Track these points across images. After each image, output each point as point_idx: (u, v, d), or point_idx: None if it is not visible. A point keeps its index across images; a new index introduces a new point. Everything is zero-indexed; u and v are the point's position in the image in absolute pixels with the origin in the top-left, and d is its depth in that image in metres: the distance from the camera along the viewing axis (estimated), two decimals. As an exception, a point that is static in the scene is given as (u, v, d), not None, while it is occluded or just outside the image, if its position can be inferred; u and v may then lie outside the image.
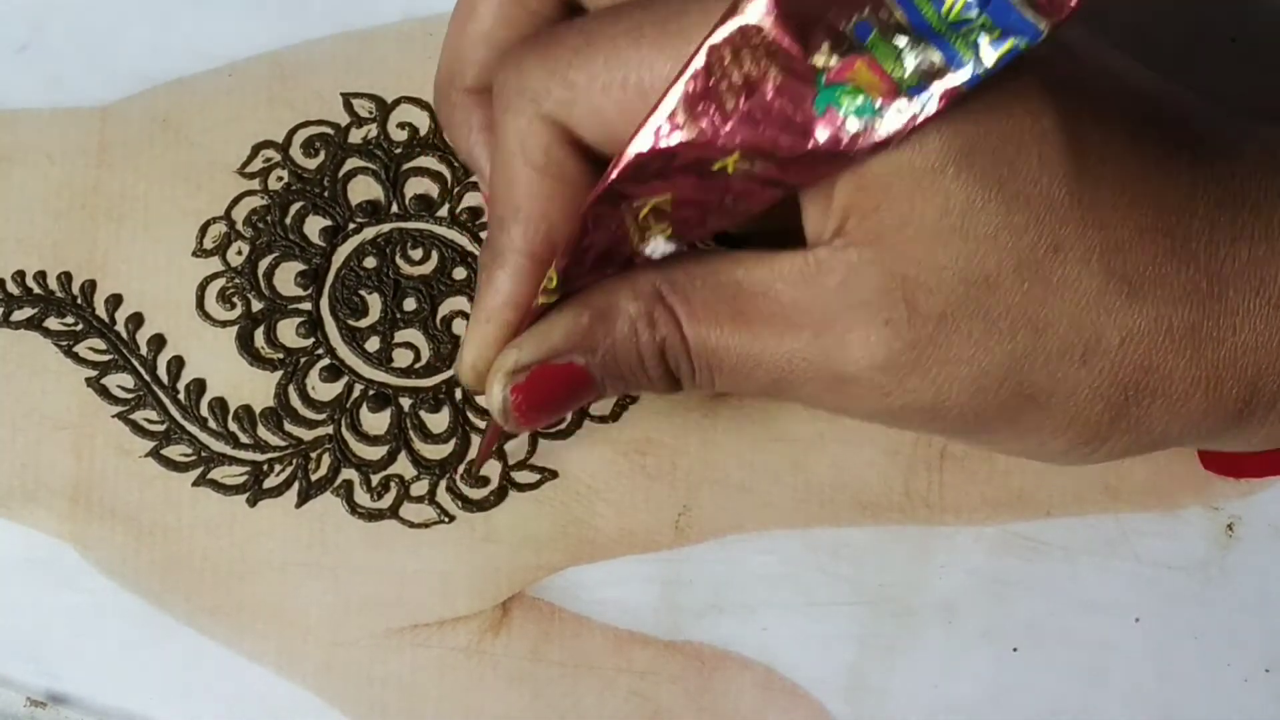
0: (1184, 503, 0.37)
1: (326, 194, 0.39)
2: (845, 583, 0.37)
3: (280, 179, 0.40)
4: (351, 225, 0.39)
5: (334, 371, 0.38)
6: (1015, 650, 0.37)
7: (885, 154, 0.28)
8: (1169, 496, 0.37)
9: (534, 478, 0.38)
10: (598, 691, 0.36)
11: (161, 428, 0.38)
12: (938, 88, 0.27)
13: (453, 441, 0.38)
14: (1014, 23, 0.26)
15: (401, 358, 0.38)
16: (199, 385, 0.38)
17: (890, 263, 0.29)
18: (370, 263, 0.39)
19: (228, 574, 0.37)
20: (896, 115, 0.27)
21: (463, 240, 0.39)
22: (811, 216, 0.30)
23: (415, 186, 0.40)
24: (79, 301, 0.39)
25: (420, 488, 0.38)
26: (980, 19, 0.26)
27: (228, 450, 0.38)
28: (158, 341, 0.38)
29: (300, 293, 0.39)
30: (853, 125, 0.27)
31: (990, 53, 0.27)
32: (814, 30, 0.27)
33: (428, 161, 0.40)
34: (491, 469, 0.38)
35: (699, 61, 0.27)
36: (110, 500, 0.37)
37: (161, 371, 0.38)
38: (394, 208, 0.39)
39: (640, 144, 0.28)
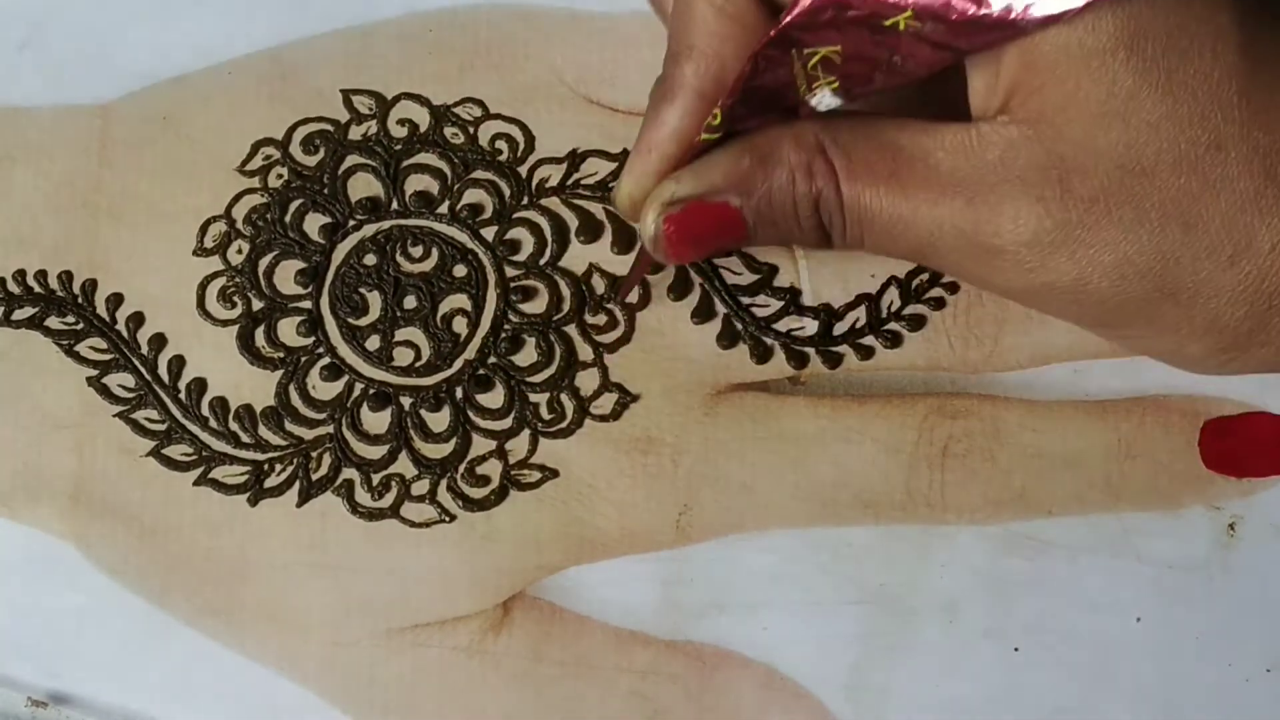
0: (1186, 502, 0.37)
1: (326, 191, 0.39)
2: (847, 582, 0.37)
3: (280, 176, 0.39)
4: (351, 222, 0.39)
5: (334, 370, 0.38)
6: (1017, 650, 0.37)
7: (1055, 30, 0.28)
8: (1171, 496, 0.37)
9: (535, 477, 0.37)
10: (598, 691, 0.36)
11: (162, 427, 0.38)
12: None
13: (453, 440, 0.38)
14: None
15: (402, 356, 0.38)
16: (200, 384, 0.38)
17: (1050, 142, 0.29)
18: (370, 260, 0.39)
19: (229, 573, 0.37)
20: None
21: (463, 237, 0.39)
22: (977, 90, 0.30)
23: (415, 183, 0.40)
24: (80, 300, 0.39)
25: (421, 487, 0.38)
26: None
27: (228, 449, 0.38)
28: (159, 341, 0.38)
29: (300, 291, 0.39)
30: None
31: None
32: None
33: (428, 158, 0.40)
34: (492, 468, 0.37)
35: None
36: (111, 499, 0.37)
37: (162, 371, 0.38)
38: (394, 205, 0.39)
39: None
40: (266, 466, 0.38)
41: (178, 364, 0.38)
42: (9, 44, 0.41)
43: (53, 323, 0.38)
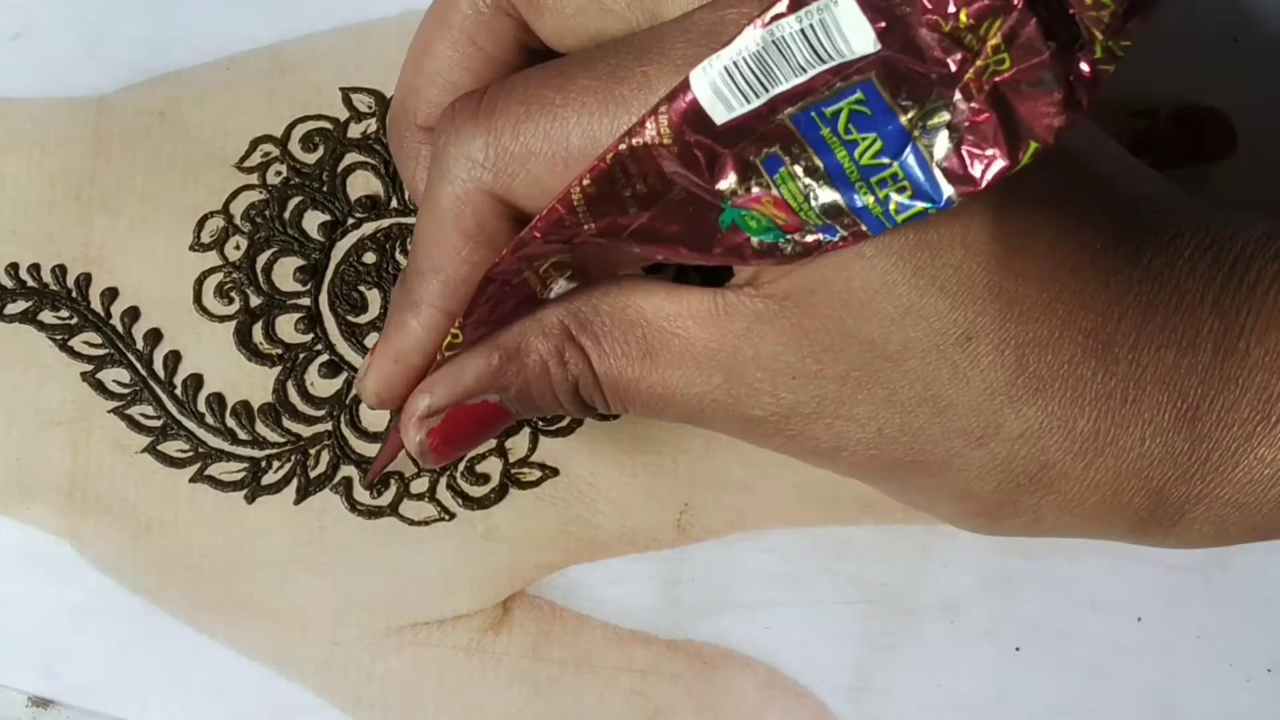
0: (1186, 503, 0.38)
1: (325, 189, 0.39)
2: (847, 581, 0.37)
3: (279, 174, 0.39)
4: (351, 220, 0.39)
5: (333, 367, 0.38)
6: (1018, 649, 0.37)
7: None
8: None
9: (535, 475, 0.37)
10: (599, 690, 0.36)
11: (158, 423, 0.37)
12: (843, 229, 0.26)
13: (453, 438, 0.38)
14: (925, 184, 0.25)
15: (401, 354, 0.38)
16: (196, 380, 0.38)
17: (799, 319, 0.29)
18: (369, 258, 0.39)
19: (226, 571, 0.37)
20: (800, 242, 0.27)
21: (463, 236, 0.39)
22: None
23: (415, 181, 0.39)
24: (74, 295, 0.38)
25: (420, 485, 0.37)
26: (892, 169, 0.25)
27: (225, 446, 0.37)
28: (154, 336, 0.38)
29: (299, 288, 0.38)
30: (757, 243, 0.27)
31: (898, 212, 0.26)
32: (722, 158, 0.26)
33: (427, 156, 0.40)
34: (492, 466, 0.37)
35: (604, 164, 0.27)
36: (107, 496, 0.37)
37: (158, 366, 0.38)
38: (393, 203, 0.39)
39: (542, 228, 0.28)
40: (264, 463, 0.37)
41: (174, 359, 0.38)
42: (2, 34, 0.40)
43: (46, 317, 0.38)
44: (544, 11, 0.30)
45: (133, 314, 0.38)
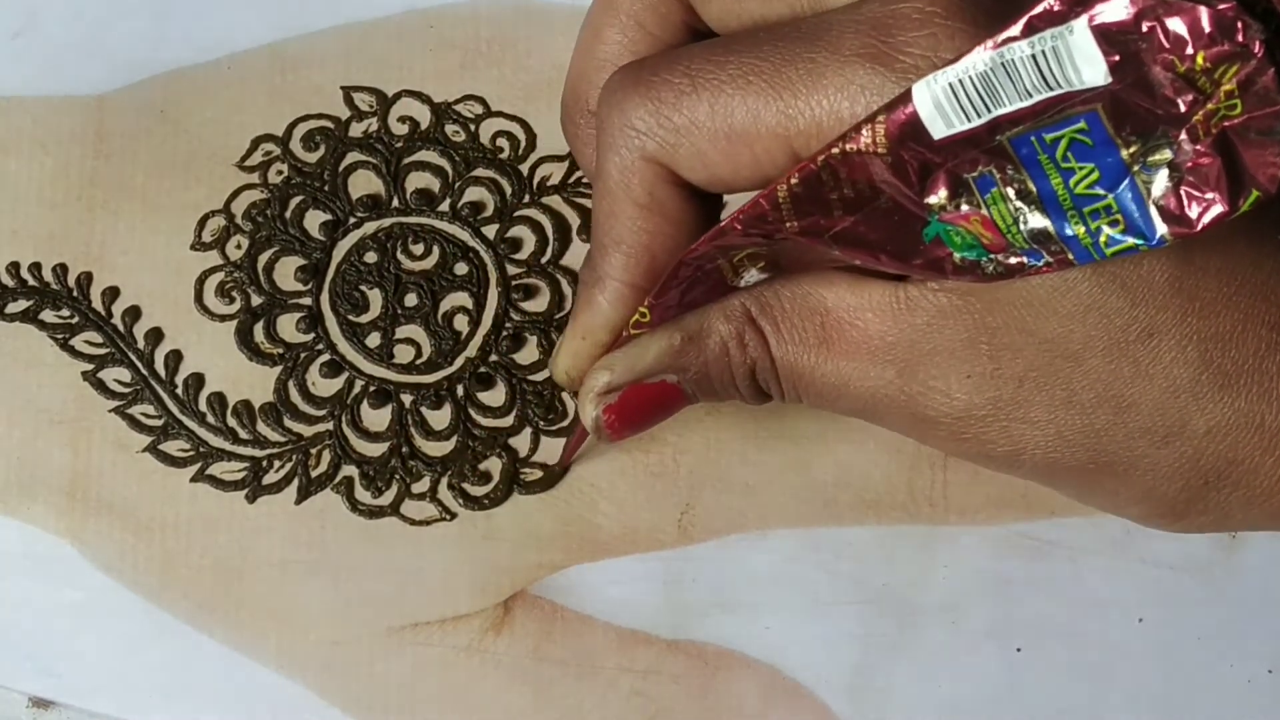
0: (1188, 504, 0.38)
1: (327, 188, 0.39)
2: (849, 582, 0.37)
3: (280, 173, 0.39)
4: (352, 220, 0.39)
5: (334, 367, 0.38)
6: (1019, 650, 0.37)
7: None
8: (1173, 498, 0.38)
9: (537, 475, 0.37)
10: (600, 691, 0.36)
11: (159, 423, 0.37)
12: (1048, 255, 0.26)
13: (454, 438, 0.38)
14: (1139, 220, 0.25)
15: (403, 354, 0.38)
16: (197, 380, 0.38)
17: (981, 315, 0.29)
18: (371, 258, 0.39)
19: (227, 571, 0.37)
20: (1003, 263, 0.27)
21: (464, 235, 0.39)
22: None
23: (416, 181, 0.39)
24: (75, 294, 0.38)
25: (421, 485, 0.37)
26: (1106, 200, 0.25)
27: (226, 446, 0.37)
28: (155, 335, 0.38)
29: (300, 288, 0.38)
30: (959, 259, 0.27)
31: (1108, 245, 0.26)
32: (935, 173, 0.26)
33: (429, 156, 0.40)
34: (493, 465, 0.37)
35: (813, 166, 0.27)
36: (108, 496, 0.37)
37: (159, 366, 0.38)
38: (395, 202, 0.39)
39: (743, 220, 0.28)
40: (265, 463, 0.37)
41: (175, 359, 0.38)
42: (3, 32, 0.40)
43: (47, 316, 0.38)
44: None
45: (134, 313, 0.38)
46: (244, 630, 0.36)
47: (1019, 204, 0.26)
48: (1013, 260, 0.26)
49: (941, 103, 0.25)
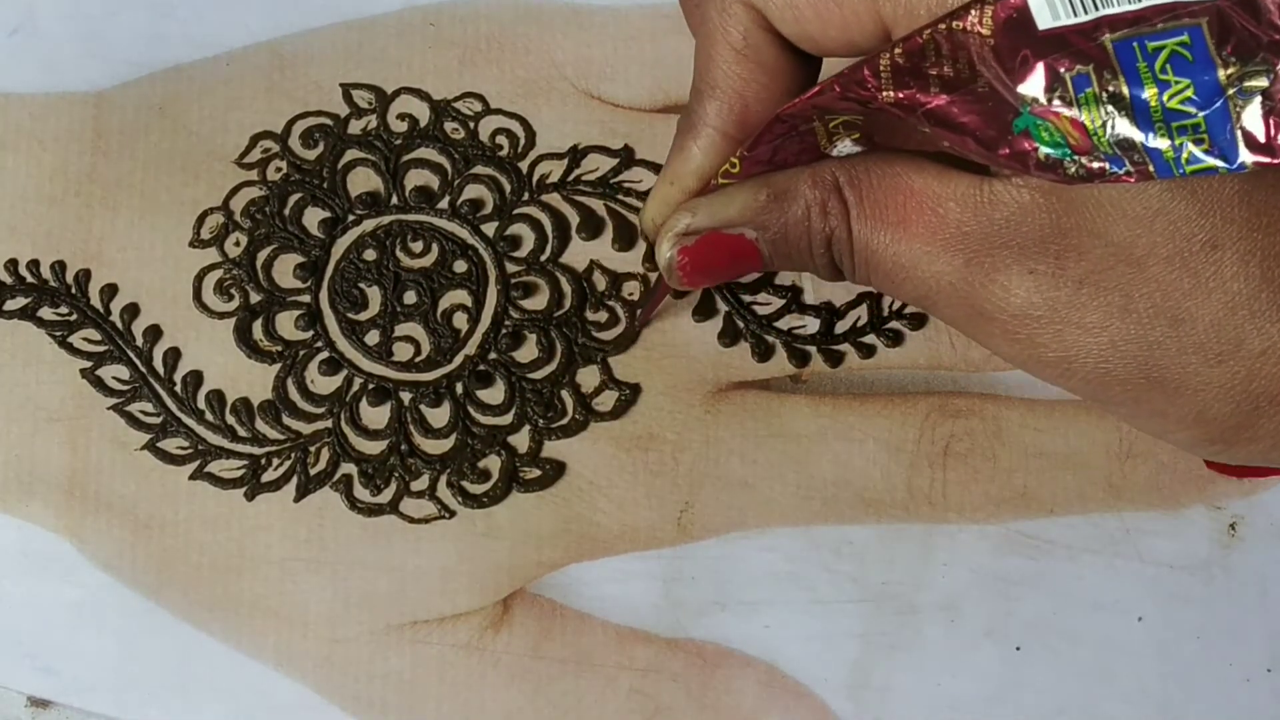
0: (1187, 502, 0.38)
1: (326, 185, 0.39)
2: (848, 581, 0.37)
3: (279, 170, 0.39)
4: (351, 217, 0.39)
5: (333, 365, 0.38)
6: (1018, 649, 0.37)
7: None
8: (1172, 496, 0.38)
9: (536, 473, 0.37)
10: (599, 689, 0.36)
11: (158, 420, 0.37)
12: (1131, 164, 0.26)
13: (453, 436, 0.37)
14: (1225, 142, 0.25)
15: (401, 351, 0.38)
16: (196, 377, 0.38)
17: (1058, 215, 0.29)
18: (370, 255, 0.39)
19: (225, 569, 0.37)
20: (1086, 165, 0.27)
21: (463, 233, 0.39)
22: None
23: (415, 178, 0.39)
24: (73, 291, 0.38)
25: (420, 483, 0.37)
26: (1196, 119, 0.25)
27: (225, 443, 0.37)
28: (154, 333, 0.38)
29: (299, 285, 0.38)
30: (1044, 155, 0.27)
31: (1189, 163, 0.26)
32: (1033, 63, 0.26)
33: (428, 153, 0.40)
34: (493, 463, 0.37)
35: (919, 39, 0.27)
36: (106, 493, 0.37)
37: (158, 363, 0.38)
38: (394, 200, 0.39)
39: (842, 83, 0.28)
40: (264, 461, 0.37)
41: (173, 356, 0.38)
42: (1, 29, 0.40)
43: (46, 314, 0.38)
44: None
45: (132, 310, 0.38)
46: (243, 628, 0.36)
47: (1110, 108, 0.26)
48: (1095, 165, 0.26)
49: None
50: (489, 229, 0.39)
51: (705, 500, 0.37)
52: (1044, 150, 0.27)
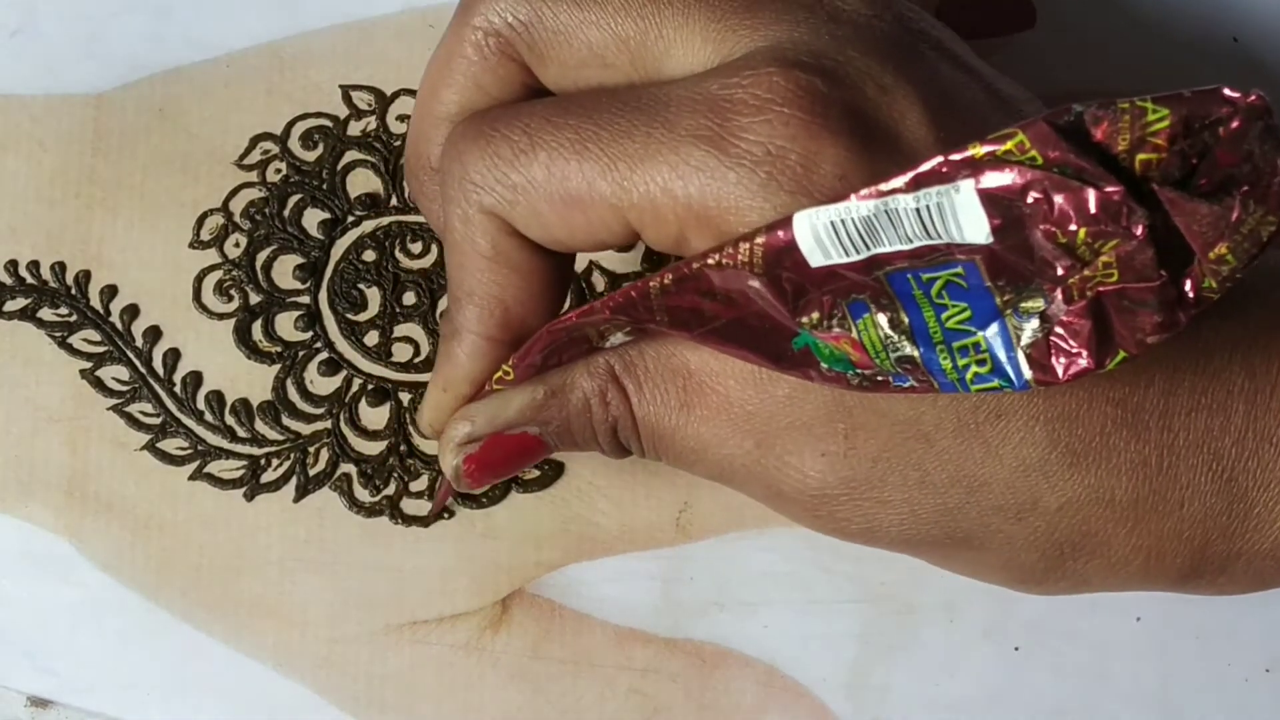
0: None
1: (325, 187, 0.39)
2: (847, 581, 0.37)
3: (278, 171, 0.39)
4: (350, 218, 0.39)
5: (333, 365, 0.38)
6: (1017, 649, 0.37)
7: None
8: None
9: (536, 473, 0.37)
10: (598, 689, 0.36)
11: (157, 421, 0.37)
12: (915, 380, 0.26)
13: (452, 437, 0.37)
14: (1005, 364, 0.25)
15: (401, 352, 0.38)
16: (195, 378, 0.38)
17: (839, 394, 0.29)
18: (369, 256, 0.39)
19: (225, 569, 0.37)
20: (870, 379, 0.27)
21: (462, 234, 0.39)
22: None
23: (415, 179, 0.39)
24: (73, 292, 0.38)
25: (419, 483, 0.37)
26: (975, 338, 0.25)
27: (225, 444, 0.37)
28: (153, 333, 0.38)
29: (299, 286, 0.38)
30: (826, 369, 0.27)
31: (973, 382, 0.26)
32: (809, 294, 0.26)
33: (427, 154, 0.40)
34: (492, 465, 0.37)
35: (688, 270, 0.27)
36: (106, 494, 0.37)
37: (157, 364, 0.38)
38: (393, 201, 0.39)
39: (612, 307, 0.28)
40: (263, 461, 0.37)
41: (173, 357, 0.38)
42: (1, 30, 0.40)
43: (45, 314, 0.38)
44: (547, 60, 0.31)
45: (132, 311, 0.38)
46: (242, 628, 0.36)
47: (890, 332, 0.26)
48: (879, 378, 0.27)
49: (821, 236, 0.25)
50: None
51: (704, 500, 0.37)
52: (825, 365, 0.27)
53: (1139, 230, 0.23)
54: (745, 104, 0.27)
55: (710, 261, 0.27)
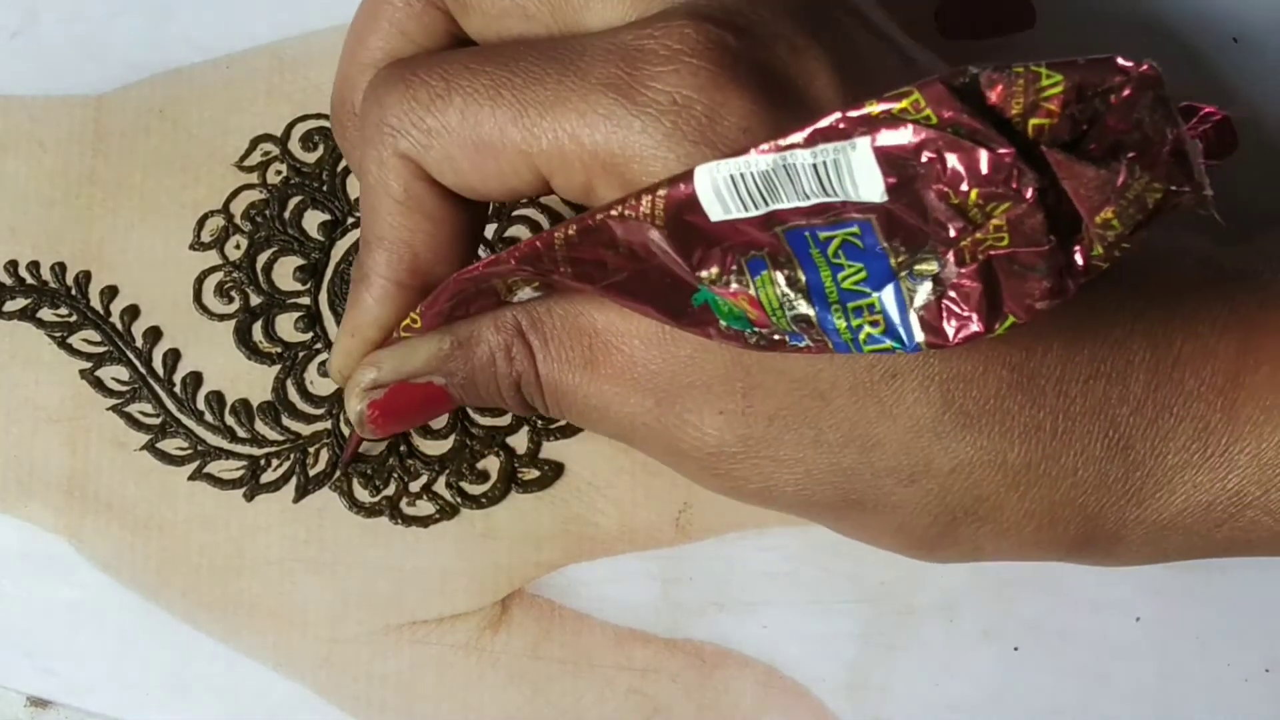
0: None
1: (325, 188, 0.39)
2: (846, 581, 0.37)
3: (279, 173, 0.39)
4: (350, 220, 0.39)
5: (333, 366, 0.38)
6: (1016, 649, 0.37)
7: None
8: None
9: (535, 474, 0.37)
10: (597, 689, 0.36)
11: (157, 421, 0.37)
12: (810, 339, 0.26)
13: (452, 436, 0.38)
14: (898, 325, 0.25)
15: (401, 352, 0.38)
16: (196, 378, 0.38)
17: (738, 353, 0.29)
18: (369, 256, 0.39)
19: (224, 569, 0.37)
20: (767, 337, 0.27)
21: (462, 235, 0.39)
22: None
23: (415, 180, 0.39)
24: (73, 293, 0.38)
25: (419, 483, 0.37)
26: (870, 299, 0.25)
27: (224, 444, 0.37)
28: (153, 334, 0.38)
29: (299, 287, 0.38)
30: (724, 326, 0.27)
31: (866, 343, 0.26)
32: (709, 249, 0.26)
33: (427, 155, 0.40)
34: (491, 464, 0.37)
35: (591, 222, 0.27)
36: (106, 494, 0.37)
37: (157, 364, 0.38)
38: (393, 201, 0.39)
39: (518, 257, 0.28)
40: (263, 461, 0.37)
41: (173, 357, 0.38)
42: (2, 31, 0.40)
43: (45, 315, 0.38)
44: (470, 10, 0.31)
45: (132, 312, 0.38)
46: (242, 629, 0.36)
47: (787, 290, 0.26)
48: (775, 337, 0.27)
49: (721, 190, 0.25)
50: (488, 230, 0.39)
51: (703, 500, 0.37)
52: (723, 322, 0.27)
53: (1029, 194, 0.23)
54: (655, 54, 0.27)
55: (614, 213, 0.27)
